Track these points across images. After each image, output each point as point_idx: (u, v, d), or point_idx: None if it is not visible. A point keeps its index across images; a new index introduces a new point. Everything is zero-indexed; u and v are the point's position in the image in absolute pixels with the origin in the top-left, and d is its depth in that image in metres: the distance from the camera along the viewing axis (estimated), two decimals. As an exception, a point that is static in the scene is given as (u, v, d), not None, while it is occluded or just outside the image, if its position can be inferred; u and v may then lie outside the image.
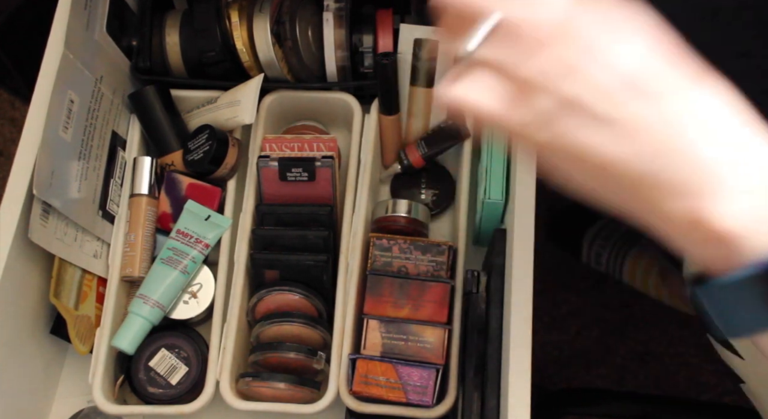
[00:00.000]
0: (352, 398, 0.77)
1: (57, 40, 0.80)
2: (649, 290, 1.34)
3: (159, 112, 0.87)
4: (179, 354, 0.82)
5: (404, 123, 0.90)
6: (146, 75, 0.89)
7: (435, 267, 0.80)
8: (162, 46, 0.88)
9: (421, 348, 0.77)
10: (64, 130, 0.77)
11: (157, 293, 0.82)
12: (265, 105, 0.89)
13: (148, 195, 0.85)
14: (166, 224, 0.86)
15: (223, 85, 0.88)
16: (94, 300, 0.83)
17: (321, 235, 0.83)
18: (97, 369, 0.80)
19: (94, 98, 0.82)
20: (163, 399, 0.81)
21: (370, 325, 0.78)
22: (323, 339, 0.82)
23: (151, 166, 0.86)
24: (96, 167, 0.83)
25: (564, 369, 1.34)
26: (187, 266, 0.83)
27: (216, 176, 0.86)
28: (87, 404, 0.84)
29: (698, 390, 1.34)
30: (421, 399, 0.75)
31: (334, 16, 0.86)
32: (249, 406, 0.79)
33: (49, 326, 0.84)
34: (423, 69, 0.84)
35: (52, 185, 0.75)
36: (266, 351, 0.81)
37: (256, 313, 0.84)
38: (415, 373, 0.76)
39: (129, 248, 0.84)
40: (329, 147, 0.85)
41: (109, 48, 0.86)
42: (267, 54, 0.86)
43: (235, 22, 0.86)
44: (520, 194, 0.74)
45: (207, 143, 0.84)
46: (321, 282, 0.83)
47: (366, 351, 0.78)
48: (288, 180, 0.84)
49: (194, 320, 0.85)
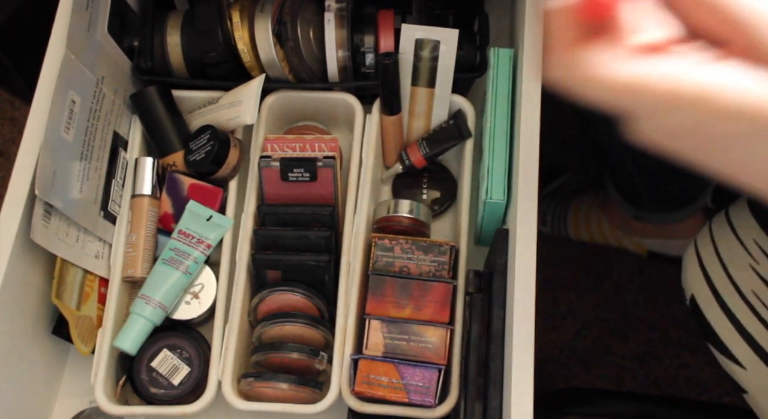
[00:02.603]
0: (354, 398, 0.77)
1: (58, 41, 0.80)
2: (593, 234, 1.35)
3: (160, 112, 0.87)
4: (181, 355, 0.82)
5: (406, 123, 0.90)
6: (148, 75, 0.89)
7: (437, 267, 0.80)
8: (163, 46, 0.88)
9: (423, 349, 0.77)
10: (66, 130, 0.77)
11: (159, 294, 0.82)
12: (266, 105, 0.89)
13: (150, 196, 0.85)
14: (167, 225, 0.86)
15: (225, 85, 0.88)
16: (95, 301, 0.83)
17: (323, 235, 0.83)
18: (99, 369, 0.80)
19: (95, 99, 0.82)
20: (165, 400, 0.81)
21: (372, 325, 0.78)
22: (325, 340, 0.82)
23: (152, 166, 0.86)
24: (98, 167, 0.83)
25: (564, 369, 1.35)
26: (189, 266, 0.83)
27: (217, 176, 0.86)
28: (89, 404, 0.84)
29: (698, 390, 1.34)
30: (423, 399, 0.75)
31: (336, 16, 0.86)
32: (251, 406, 0.79)
33: (51, 326, 0.84)
34: (424, 69, 0.85)
35: (53, 186, 0.75)
36: (268, 351, 0.81)
37: (258, 313, 0.84)
38: (417, 373, 0.76)
39: (131, 248, 0.84)
40: (331, 147, 0.85)
41: (110, 48, 0.86)
42: (268, 54, 0.86)
43: (237, 23, 0.86)
44: (522, 194, 0.74)
45: (208, 144, 0.84)
46: (323, 282, 0.83)
47: (368, 351, 0.78)
48: (289, 180, 0.84)
49: (196, 320, 0.85)
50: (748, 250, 0.82)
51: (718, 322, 0.83)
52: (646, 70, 0.47)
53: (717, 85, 0.46)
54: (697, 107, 0.46)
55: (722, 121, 0.46)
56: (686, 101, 0.46)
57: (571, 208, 1.38)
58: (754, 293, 0.81)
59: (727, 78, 0.46)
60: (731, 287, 0.83)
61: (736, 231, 0.84)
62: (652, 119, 0.48)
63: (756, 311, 0.81)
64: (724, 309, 0.83)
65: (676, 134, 0.48)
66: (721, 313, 0.83)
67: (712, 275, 0.84)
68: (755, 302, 0.81)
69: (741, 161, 0.49)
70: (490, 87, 0.83)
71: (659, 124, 0.48)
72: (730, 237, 0.84)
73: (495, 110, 0.82)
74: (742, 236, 0.83)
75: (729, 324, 0.82)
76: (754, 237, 0.82)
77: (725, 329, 0.82)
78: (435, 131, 0.89)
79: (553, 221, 1.38)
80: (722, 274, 0.83)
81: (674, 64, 0.47)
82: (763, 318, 0.80)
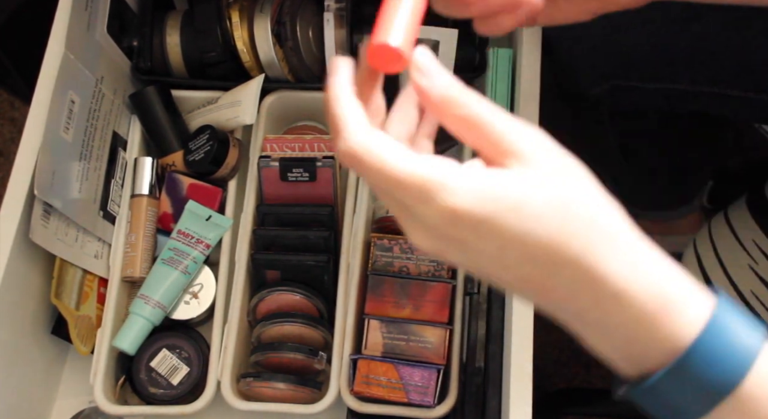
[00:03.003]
0: (353, 398, 0.77)
1: (58, 41, 0.80)
2: None
3: (160, 112, 0.87)
4: (180, 355, 0.82)
5: (405, 123, 0.90)
6: (147, 75, 0.89)
7: (436, 267, 0.80)
8: (163, 46, 0.88)
9: (422, 348, 0.77)
10: (65, 130, 0.77)
11: (158, 294, 0.82)
12: (265, 105, 0.89)
13: (149, 195, 0.85)
14: (167, 225, 0.86)
15: (224, 85, 0.88)
16: (95, 301, 0.83)
17: (322, 235, 0.83)
18: (98, 369, 0.80)
19: (94, 99, 0.82)
20: (165, 400, 0.81)
21: (371, 325, 0.78)
22: (324, 339, 0.82)
23: (152, 166, 0.86)
24: (97, 167, 0.83)
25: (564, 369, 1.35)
26: (188, 266, 0.83)
27: (217, 176, 0.86)
28: (88, 404, 0.84)
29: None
30: (423, 399, 0.75)
31: (335, 16, 0.86)
32: (250, 406, 0.79)
33: (50, 326, 0.84)
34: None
35: (53, 186, 0.75)
36: (267, 351, 0.81)
37: (257, 313, 0.84)
38: (416, 373, 0.76)
39: (130, 248, 0.84)
40: (330, 147, 0.85)
41: (109, 48, 0.86)
42: (268, 54, 0.86)
43: (236, 23, 0.86)
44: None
45: (208, 144, 0.84)
46: (322, 282, 0.83)
47: (367, 351, 0.78)
48: (289, 180, 0.84)
49: (195, 320, 0.85)
50: (747, 250, 0.82)
51: None
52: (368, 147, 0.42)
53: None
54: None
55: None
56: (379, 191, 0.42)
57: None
58: (753, 293, 0.81)
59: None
60: (730, 288, 0.83)
61: (735, 232, 0.84)
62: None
63: (755, 311, 0.81)
64: None
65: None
66: None
67: (710, 275, 0.84)
68: (754, 302, 0.81)
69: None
70: (489, 87, 0.83)
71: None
72: (729, 238, 0.84)
73: (494, 110, 0.82)
74: (741, 237, 0.83)
75: None
76: (753, 238, 0.82)
77: None
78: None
79: None
80: (721, 274, 0.83)
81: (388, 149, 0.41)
82: (761, 318, 0.80)
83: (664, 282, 0.39)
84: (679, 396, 0.39)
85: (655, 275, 0.39)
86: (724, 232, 0.85)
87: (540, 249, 0.39)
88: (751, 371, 0.38)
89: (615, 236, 0.39)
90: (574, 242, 0.39)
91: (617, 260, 0.39)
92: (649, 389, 0.39)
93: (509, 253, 0.39)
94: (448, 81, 0.43)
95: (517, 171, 0.40)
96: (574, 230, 0.39)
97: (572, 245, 0.39)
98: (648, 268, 0.39)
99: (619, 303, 0.39)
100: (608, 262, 0.39)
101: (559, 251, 0.39)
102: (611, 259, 0.39)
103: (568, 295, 0.40)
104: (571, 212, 0.39)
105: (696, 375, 0.38)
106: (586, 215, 0.39)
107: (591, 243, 0.39)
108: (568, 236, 0.39)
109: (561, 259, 0.39)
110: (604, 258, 0.39)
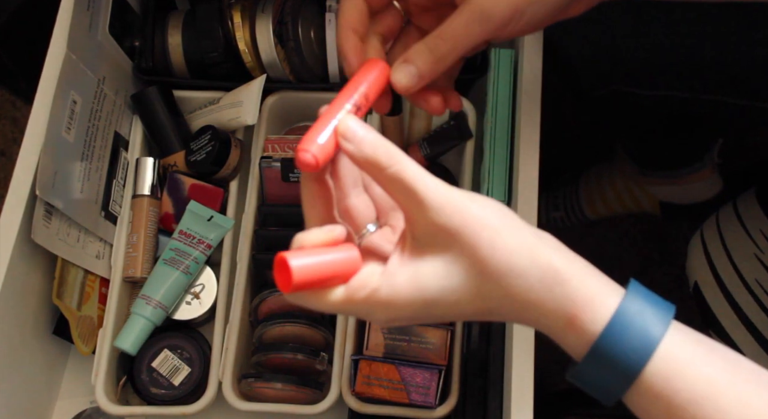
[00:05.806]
0: (354, 399, 0.77)
1: (59, 41, 0.80)
2: (607, 198, 1.33)
3: (161, 113, 0.87)
4: (182, 355, 0.82)
5: (406, 123, 0.90)
6: (149, 76, 0.89)
7: (437, 268, 0.80)
8: (164, 46, 0.88)
9: (423, 349, 0.77)
10: (67, 131, 0.77)
11: (159, 294, 0.82)
12: (267, 106, 0.89)
13: (151, 196, 0.85)
14: (168, 225, 0.86)
15: (226, 85, 0.88)
16: (96, 301, 0.83)
17: (323, 236, 0.83)
18: (100, 369, 0.80)
19: (96, 99, 0.82)
20: (166, 400, 0.81)
21: (373, 326, 0.78)
22: (325, 340, 0.82)
23: (153, 167, 0.86)
24: (98, 167, 0.83)
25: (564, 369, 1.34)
26: (190, 266, 0.83)
27: (218, 176, 0.86)
28: (89, 404, 0.85)
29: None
30: (424, 399, 0.75)
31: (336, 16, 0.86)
32: (251, 407, 0.79)
33: (52, 326, 0.84)
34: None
35: (54, 186, 0.75)
36: (269, 351, 0.81)
37: (259, 314, 0.84)
38: (417, 374, 0.76)
39: (131, 248, 0.84)
40: (331, 148, 0.85)
41: (111, 49, 0.86)
42: (269, 55, 0.86)
43: (238, 23, 0.86)
44: (522, 195, 0.74)
45: (209, 144, 0.84)
46: (323, 283, 0.83)
47: (368, 351, 0.78)
48: (290, 181, 0.84)
49: (197, 320, 0.85)
50: (754, 240, 0.83)
51: (720, 310, 0.84)
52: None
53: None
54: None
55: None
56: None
57: (581, 180, 1.36)
58: (758, 282, 0.82)
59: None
60: (735, 276, 0.83)
61: (743, 221, 0.84)
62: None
63: (759, 300, 0.81)
64: (727, 297, 0.83)
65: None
66: (724, 301, 0.84)
67: (716, 262, 0.85)
68: (759, 291, 0.81)
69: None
70: (490, 88, 0.83)
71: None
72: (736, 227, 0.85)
73: (496, 110, 0.82)
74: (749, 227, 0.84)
75: (731, 312, 0.83)
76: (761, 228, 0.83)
77: (727, 317, 0.83)
78: (436, 131, 0.89)
79: (565, 202, 1.36)
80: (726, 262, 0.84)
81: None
82: (765, 307, 0.81)
83: (572, 294, 0.46)
84: (600, 379, 0.47)
85: (564, 291, 0.47)
86: (732, 221, 0.85)
87: (469, 317, 0.50)
88: (657, 351, 0.45)
89: (527, 278, 0.47)
90: (496, 311, 0.48)
91: (533, 291, 0.47)
92: (577, 373, 0.48)
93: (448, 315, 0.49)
94: (373, 143, 0.47)
95: (432, 262, 0.47)
96: (496, 304, 0.48)
97: (492, 308, 0.48)
98: (560, 289, 0.47)
99: (544, 317, 0.48)
100: (527, 296, 0.47)
101: (487, 314, 0.49)
102: (528, 292, 0.47)
103: (507, 319, 0.50)
104: (481, 295, 0.47)
105: (607, 360, 0.46)
106: (497, 293, 0.47)
107: (510, 301, 0.48)
108: (489, 309, 0.48)
109: (488, 313, 0.49)
110: (521, 293, 0.47)
